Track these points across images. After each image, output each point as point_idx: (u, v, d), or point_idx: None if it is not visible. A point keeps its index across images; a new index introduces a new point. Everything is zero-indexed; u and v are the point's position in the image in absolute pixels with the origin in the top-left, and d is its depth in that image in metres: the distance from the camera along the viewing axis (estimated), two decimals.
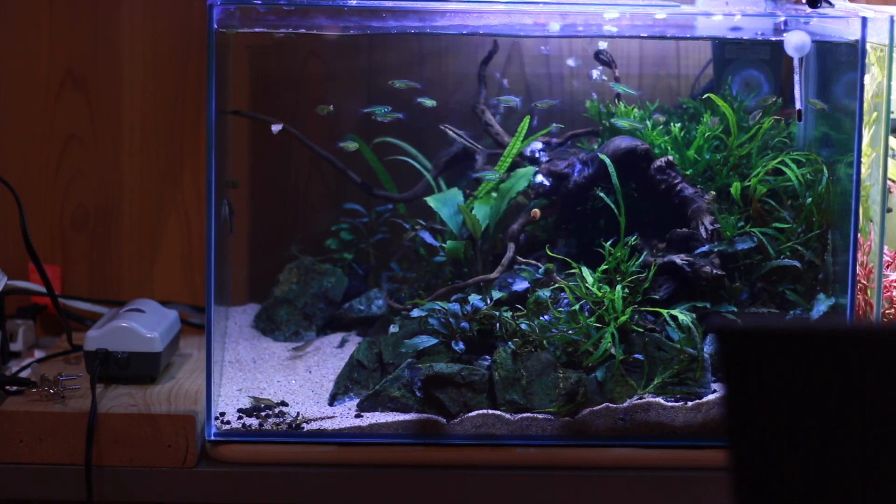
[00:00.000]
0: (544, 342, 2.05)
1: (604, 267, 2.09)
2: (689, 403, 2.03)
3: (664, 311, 2.07)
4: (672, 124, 2.21)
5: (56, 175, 2.49)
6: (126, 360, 2.09)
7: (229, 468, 1.99)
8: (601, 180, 2.17)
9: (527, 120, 2.21)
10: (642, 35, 2.17)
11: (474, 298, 2.09)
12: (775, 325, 1.19)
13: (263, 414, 2.03)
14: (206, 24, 1.98)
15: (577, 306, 2.06)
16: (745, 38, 2.15)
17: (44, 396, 2.02)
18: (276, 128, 2.16)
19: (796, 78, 2.04)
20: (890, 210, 2.15)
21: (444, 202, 2.24)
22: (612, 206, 2.12)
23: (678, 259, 2.11)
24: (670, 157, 2.16)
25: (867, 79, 2.04)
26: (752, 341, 1.19)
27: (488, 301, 2.09)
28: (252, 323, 2.37)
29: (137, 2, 2.46)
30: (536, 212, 2.19)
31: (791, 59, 2.05)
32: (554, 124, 2.25)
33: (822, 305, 2.08)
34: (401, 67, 2.44)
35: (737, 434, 1.20)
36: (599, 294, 2.06)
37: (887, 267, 2.11)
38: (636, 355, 2.05)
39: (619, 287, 2.06)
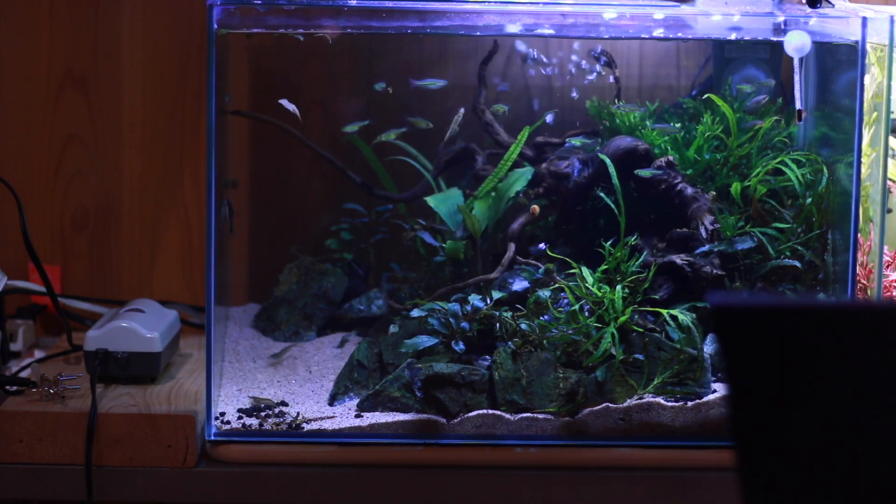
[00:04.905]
0: (544, 342, 2.06)
1: (604, 267, 2.09)
2: (689, 403, 2.03)
3: (664, 311, 2.07)
4: (672, 124, 2.21)
5: (56, 175, 2.49)
6: (126, 360, 2.09)
7: (229, 468, 1.99)
8: (601, 180, 2.17)
9: (527, 130, 2.21)
10: (643, 36, 2.17)
11: (474, 298, 2.09)
12: (776, 300, 1.16)
13: (263, 414, 2.03)
14: (206, 24, 1.98)
15: (577, 306, 2.06)
16: (745, 38, 2.15)
17: (44, 396, 2.02)
18: (289, 106, 2.15)
19: (796, 78, 2.04)
20: (890, 210, 2.15)
21: (444, 202, 2.24)
22: (612, 206, 2.12)
23: (678, 259, 2.11)
24: (670, 157, 2.16)
25: (867, 79, 2.04)
26: (753, 317, 1.16)
27: (488, 301, 2.09)
28: (252, 323, 2.37)
29: (137, 2, 2.46)
30: (535, 208, 2.19)
31: (791, 58, 2.05)
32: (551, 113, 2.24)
33: None
34: (401, 66, 2.44)
35: (741, 418, 1.18)
36: (599, 294, 2.06)
37: (887, 267, 2.11)
38: (636, 355, 2.05)
39: (619, 287, 2.06)
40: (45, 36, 2.46)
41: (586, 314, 2.06)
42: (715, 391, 2.06)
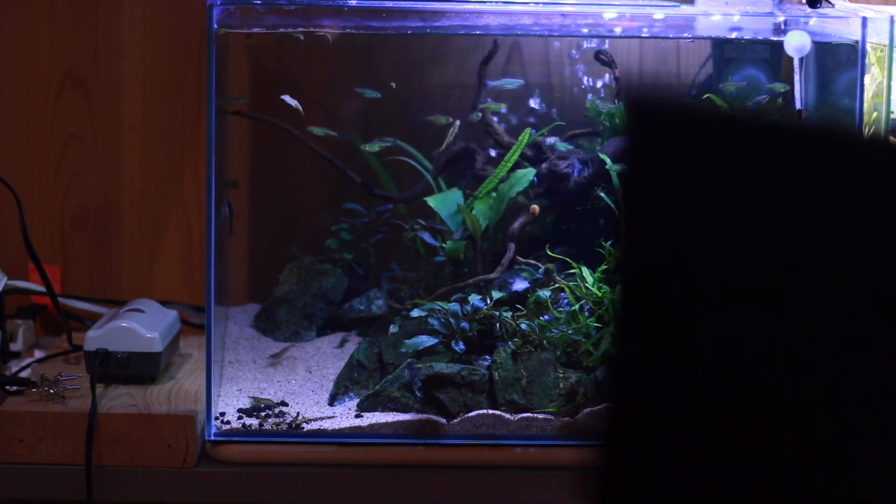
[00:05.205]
0: (544, 342, 2.05)
1: (604, 267, 2.09)
2: None
3: None
4: None
5: (56, 175, 2.48)
6: (126, 360, 2.09)
7: (229, 468, 1.99)
8: (601, 180, 2.17)
9: (527, 132, 2.21)
10: (643, 35, 2.17)
11: (474, 298, 2.09)
12: (705, 105, 1.04)
13: (263, 414, 2.03)
14: (206, 23, 1.98)
15: (577, 306, 2.06)
16: (745, 38, 2.15)
17: (44, 396, 2.02)
18: (291, 102, 2.15)
19: (796, 78, 2.04)
20: None
21: (444, 202, 2.24)
22: (612, 206, 2.12)
23: None
24: None
25: (867, 79, 2.04)
26: (674, 118, 1.03)
27: (488, 301, 2.09)
28: (252, 323, 2.37)
29: (137, 2, 2.46)
30: (535, 208, 2.19)
31: (791, 58, 2.05)
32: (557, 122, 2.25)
33: None
34: (401, 66, 2.44)
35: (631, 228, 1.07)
36: (599, 294, 2.06)
37: None
38: None
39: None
40: (45, 36, 2.46)
41: (586, 314, 2.06)
42: None
